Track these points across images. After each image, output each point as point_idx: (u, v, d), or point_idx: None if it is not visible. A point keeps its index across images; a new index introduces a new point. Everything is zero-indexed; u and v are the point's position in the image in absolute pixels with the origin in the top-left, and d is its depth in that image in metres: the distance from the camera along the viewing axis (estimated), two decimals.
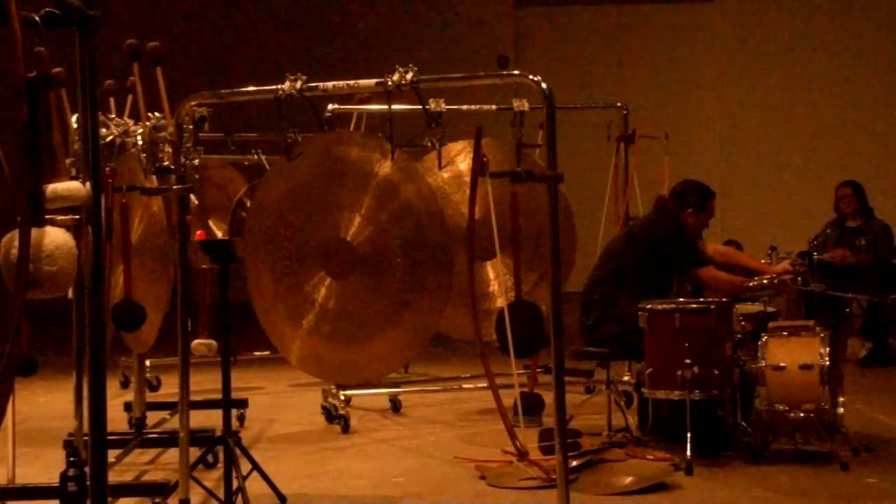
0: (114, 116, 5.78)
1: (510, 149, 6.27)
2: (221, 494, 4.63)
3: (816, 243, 7.87)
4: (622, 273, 6.28)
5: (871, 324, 8.84)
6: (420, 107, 5.37)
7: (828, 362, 5.46)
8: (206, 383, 7.09)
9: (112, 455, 5.39)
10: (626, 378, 6.92)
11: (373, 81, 4.92)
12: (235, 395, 5.51)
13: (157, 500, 4.83)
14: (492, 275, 7.28)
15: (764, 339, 5.63)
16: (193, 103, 4.84)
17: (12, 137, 2.43)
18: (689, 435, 5.36)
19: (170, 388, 7.35)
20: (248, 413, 6.83)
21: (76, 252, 2.52)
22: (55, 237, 2.49)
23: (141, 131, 5.46)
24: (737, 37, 14.46)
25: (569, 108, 8.29)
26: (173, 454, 5.25)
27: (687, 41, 14.59)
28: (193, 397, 4.97)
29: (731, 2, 14.52)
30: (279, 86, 5.02)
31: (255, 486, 4.71)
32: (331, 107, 6.97)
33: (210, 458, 5.36)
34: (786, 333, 5.66)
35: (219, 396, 4.81)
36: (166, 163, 5.20)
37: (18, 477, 4.97)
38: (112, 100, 5.90)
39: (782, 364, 5.50)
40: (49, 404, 7.63)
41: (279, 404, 7.70)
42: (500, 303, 6.25)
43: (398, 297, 5.90)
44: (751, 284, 6.21)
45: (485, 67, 10.29)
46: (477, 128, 5.46)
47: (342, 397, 6.76)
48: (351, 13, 14.91)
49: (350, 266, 5.87)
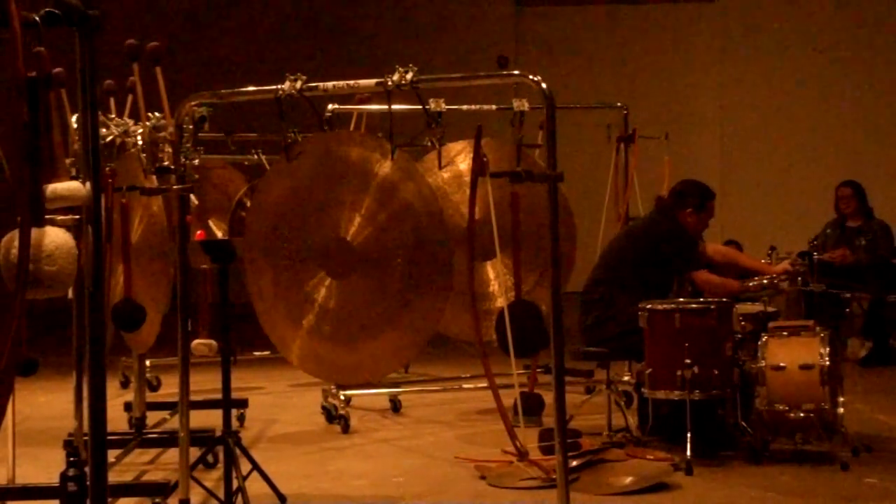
0: (114, 116, 5.78)
1: (510, 149, 6.27)
2: (221, 494, 4.63)
3: (816, 243, 7.86)
4: (622, 273, 6.28)
5: (871, 324, 8.84)
6: (420, 107, 5.37)
7: (828, 362, 5.46)
8: (206, 383, 7.09)
9: (112, 455, 5.39)
10: (626, 378, 6.92)
11: (373, 81, 4.92)
12: (235, 395, 5.50)
13: (157, 500, 4.83)
14: (492, 275, 7.28)
15: (764, 339, 5.63)
16: (193, 103, 4.84)
17: (12, 137, 2.43)
18: (689, 435, 5.36)
19: (170, 388, 7.35)
20: (248, 413, 6.83)
21: (76, 252, 2.52)
22: (55, 237, 2.49)
23: (141, 131, 5.47)
24: (737, 37, 14.45)
25: (569, 108, 8.28)
26: (173, 454, 5.25)
27: (687, 41, 14.58)
28: (193, 397, 4.97)
29: (731, 2, 14.51)
30: (279, 86, 5.02)
31: (255, 486, 4.71)
32: (331, 107, 6.97)
33: (210, 458, 5.36)
34: (786, 333, 5.66)
35: (219, 396, 4.81)
36: (166, 163, 5.20)
37: (18, 477, 4.96)
38: (112, 100, 5.90)
39: (782, 364, 5.50)
40: (49, 404, 7.63)
41: (279, 404, 7.70)
42: (500, 303, 6.26)
43: (398, 297, 5.89)
44: (750, 285, 6.21)
45: (485, 67, 10.29)
46: (477, 127, 5.46)
47: (342, 397, 6.75)
48: (351, 13, 14.90)
49: (350, 266, 5.87)
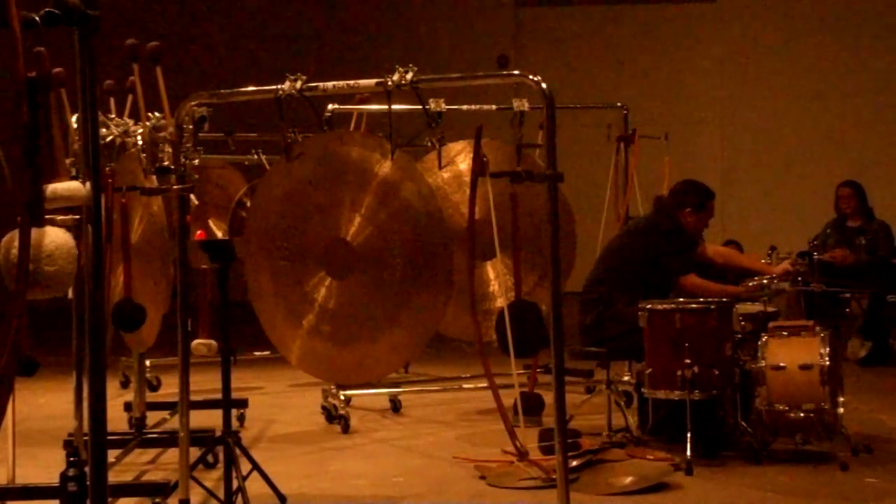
0: (114, 116, 5.77)
1: (510, 149, 6.27)
2: (221, 494, 4.63)
3: (816, 243, 7.85)
4: (622, 273, 6.27)
5: (871, 324, 8.84)
6: (420, 107, 5.37)
7: (828, 362, 5.46)
8: (206, 383, 7.09)
9: (112, 455, 5.39)
10: (626, 378, 6.91)
11: (373, 81, 4.92)
12: (235, 395, 5.50)
13: (157, 500, 4.83)
14: (492, 275, 7.28)
15: (764, 339, 5.63)
16: (193, 103, 4.84)
17: (12, 137, 2.43)
18: (689, 435, 5.36)
19: (170, 388, 7.35)
20: (248, 413, 6.83)
21: (76, 252, 2.52)
22: (55, 237, 2.49)
23: (141, 131, 5.46)
24: (737, 37, 14.45)
25: (569, 108, 8.28)
26: (173, 454, 5.25)
27: (687, 41, 14.59)
28: (193, 397, 4.97)
29: (732, 2, 14.52)
30: (279, 86, 5.02)
31: (255, 486, 4.71)
32: (331, 107, 6.97)
33: (210, 458, 5.36)
34: (786, 333, 5.66)
35: (219, 396, 4.81)
36: (166, 163, 5.19)
37: (18, 477, 4.96)
38: (112, 100, 5.90)
39: (782, 364, 5.50)
40: (49, 404, 7.63)
41: (279, 404, 7.70)
42: (500, 303, 6.26)
43: (398, 297, 5.89)
44: (750, 285, 6.20)
45: (485, 67, 10.31)
46: (477, 127, 5.46)
47: (342, 397, 6.75)
48: (351, 13, 14.91)
49: (350, 266, 5.87)
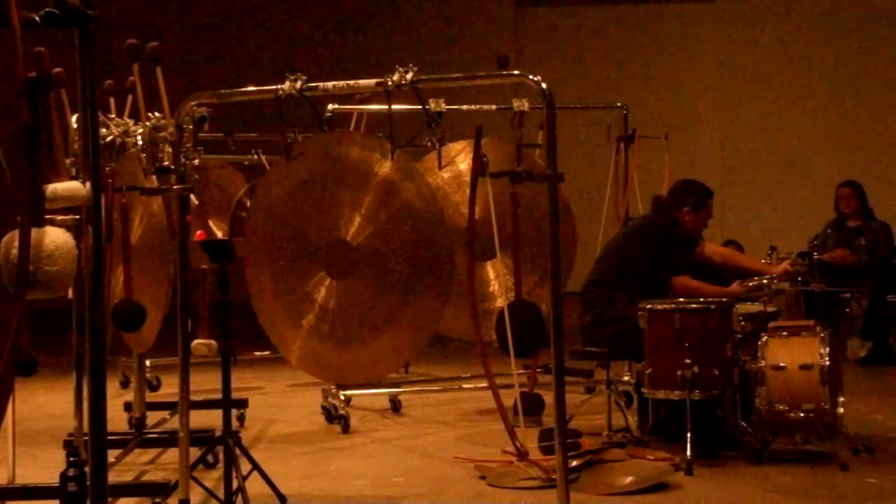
0: (114, 116, 5.78)
1: (510, 149, 6.27)
2: (221, 494, 4.63)
3: (816, 243, 7.86)
4: (621, 273, 6.27)
5: (871, 324, 8.84)
6: (420, 107, 5.37)
7: (828, 362, 5.46)
8: (206, 383, 7.09)
9: (112, 455, 5.38)
10: (626, 378, 6.91)
11: (373, 81, 4.92)
12: (235, 395, 5.50)
13: (157, 500, 4.82)
14: (492, 275, 7.28)
15: (764, 339, 5.63)
16: (193, 103, 4.84)
17: (12, 137, 2.43)
18: (689, 435, 5.35)
19: (170, 388, 7.35)
20: (248, 413, 6.83)
21: (76, 252, 2.52)
22: (55, 237, 2.49)
23: (141, 131, 5.46)
24: (737, 37, 14.45)
25: (569, 108, 8.28)
26: (173, 454, 5.25)
27: (687, 41, 14.59)
28: (193, 397, 4.97)
29: (732, 2, 14.52)
30: (279, 86, 5.02)
31: (255, 486, 4.71)
32: (331, 107, 6.97)
33: (210, 458, 5.36)
34: (786, 333, 5.66)
35: (219, 396, 4.81)
36: (166, 163, 5.19)
37: (18, 477, 4.96)
38: (112, 100, 5.90)
39: (782, 364, 5.50)
40: (49, 404, 7.63)
41: (279, 404, 7.70)
42: (500, 303, 6.25)
43: (398, 297, 5.89)
44: (750, 285, 6.20)
45: (485, 67, 10.29)
46: (477, 127, 5.46)
47: (342, 397, 6.75)
48: (351, 13, 14.91)
49: (350, 266, 5.87)
